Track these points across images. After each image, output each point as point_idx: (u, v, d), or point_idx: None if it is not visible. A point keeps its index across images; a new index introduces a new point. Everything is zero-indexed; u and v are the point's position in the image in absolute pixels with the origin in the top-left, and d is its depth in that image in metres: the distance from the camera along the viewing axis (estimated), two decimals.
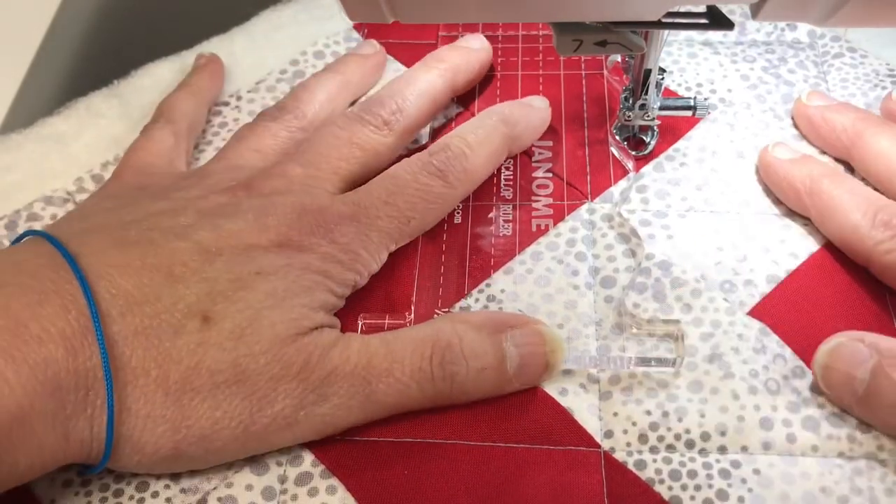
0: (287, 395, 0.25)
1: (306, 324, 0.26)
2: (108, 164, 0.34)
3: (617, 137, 0.33)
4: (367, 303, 0.30)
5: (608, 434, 0.26)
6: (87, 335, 0.23)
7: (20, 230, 0.32)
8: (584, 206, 0.32)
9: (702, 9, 0.26)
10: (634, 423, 0.26)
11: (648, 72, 0.30)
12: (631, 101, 0.32)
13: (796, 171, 0.30)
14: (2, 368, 0.21)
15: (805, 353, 0.27)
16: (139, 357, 0.24)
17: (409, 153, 0.31)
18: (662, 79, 0.31)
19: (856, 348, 0.26)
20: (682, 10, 0.26)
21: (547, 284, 0.30)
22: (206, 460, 0.25)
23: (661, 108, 0.32)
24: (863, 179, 0.31)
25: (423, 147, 0.32)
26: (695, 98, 0.32)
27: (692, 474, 0.25)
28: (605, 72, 0.35)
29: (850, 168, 0.32)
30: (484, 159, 0.31)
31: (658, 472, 0.25)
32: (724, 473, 0.25)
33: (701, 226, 0.31)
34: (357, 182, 0.30)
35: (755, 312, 0.28)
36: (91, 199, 0.30)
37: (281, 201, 0.28)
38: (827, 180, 0.29)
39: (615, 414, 0.27)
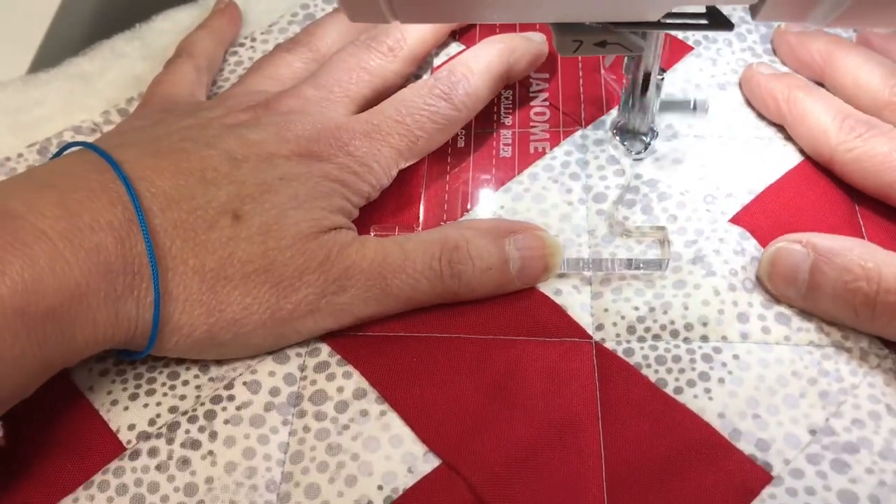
0: (310, 284, 0.27)
1: (326, 223, 0.28)
2: (132, 100, 0.36)
3: (616, 137, 0.34)
4: (378, 216, 0.32)
5: (599, 327, 0.29)
6: (132, 227, 0.25)
7: (51, 156, 0.34)
8: (578, 133, 0.34)
9: (702, 9, 0.26)
10: (623, 317, 0.29)
11: (648, 74, 0.30)
12: (631, 103, 0.32)
13: (775, 82, 0.33)
14: (61, 250, 0.24)
15: None
16: (178, 247, 0.26)
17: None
18: (662, 79, 0.31)
19: (793, 250, 0.28)
20: (683, 10, 0.26)
21: (543, 201, 0.32)
22: (235, 346, 0.28)
23: (661, 109, 0.32)
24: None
25: None
26: (694, 100, 0.32)
27: (676, 359, 0.28)
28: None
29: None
30: (485, 83, 0.33)
31: (645, 357, 0.28)
32: (706, 358, 0.28)
33: (685, 149, 0.33)
34: (368, 105, 0.32)
35: (735, 220, 0.31)
36: (122, 123, 0.32)
37: (299, 119, 0.30)
38: (802, 91, 0.32)
39: (605, 310, 0.29)
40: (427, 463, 0.26)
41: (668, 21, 0.25)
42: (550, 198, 0.32)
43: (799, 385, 0.27)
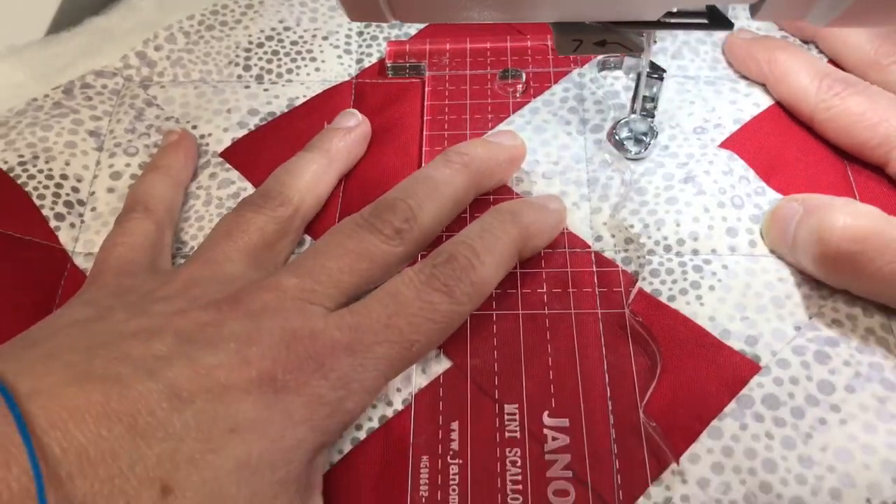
0: None
1: None
2: (148, 41, 0.38)
3: (616, 137, 0.33)
4: None
5: (598, 238, 0.31)
6: (26, 501, 0.19)
7: (76, 94, 0.36)
8: (575, 71, 0.36)
9: (702, 9, 0.25)
10: (620, 231, 0.31)
11: (639, 75, 0.31)
12: (631, 103, 0.32)
13: (757, 44, 0.35)
14: None
15: (766, 175, 0.32)
16: None
17: None
18: (661, 78, 0.31)
19: (789, 207, 0.29)
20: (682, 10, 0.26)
21: (544, 132, 0.34)
22: None
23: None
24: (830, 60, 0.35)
25: (403, 418, 0.27)
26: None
27: (669, 272, 0.30)
28: (627, 311, 0.29)
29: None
30: (493, 269, 0.27)
31: (640, 269, 0.30)
32: (697, 269, 0.30)
33: (675, 87, 0.35)
34: (357, 294, 0.27)
35: (724, 145, 0.33)
36: (64, 308, 0.27)
37: (268, 326, 0.24)
38: (783, 52, 0.34)
39: (604, 223, 0.31)
40: (439, 364, 0.28)
41: (668, 20, 0.25)
42: (550, 129, 0.34)
43: (784, 288, 0.29)
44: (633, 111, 0.32)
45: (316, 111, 0.35)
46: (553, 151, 0.34)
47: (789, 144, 0.33)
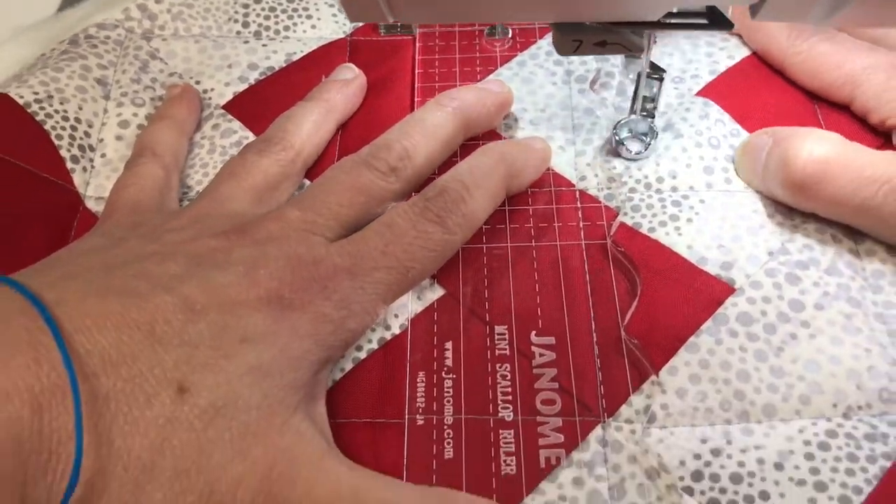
0: None
1: (283, 412, 0.24)
2: None
3: (616, 137, 0.33)
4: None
5: (582, 178, 0.33)
6: (56, 394, 0.21)
7: (81, 43, 0.37)
8: None
9: (702, 9, 0.26)
10: (603, 171, 0.33)
11: (639, 75, 0.31)
12: (631, 103, 0.33)
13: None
14: None
15: (742, 118, 0.33)
16: (105, 424, 0.22)
17: None
18: (661, 78, 0.31)
19: (760, 138, 0.31)
20: (682, 10, 0.26)
21: (531, 83, 0.36)
22: None
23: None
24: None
25: (401, 341, 0.29)
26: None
27: (649, 207, 0.31)
28: (609, 241, 0.31)
29: None
30: (483, 202, 0.29)
31: (622, 204, 0.32)
32: (676, 203, 0.31)
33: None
34: (356, 226, 0.28)
35: (700, 94, 0.35)
36: (80, 241, 0.28)
37: (274, 252, 0.26)
38: None
39: (587, 164, 0.33)
40: (433, 292, 0.30)
41: (668, 21, 0.25)
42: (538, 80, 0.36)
43: (758, 219, 0.31)
44: (633, 111, 0.32)
45: (313, 66, 0.37)
46: (539, 100, 0.35)
47: (762, 90, 0.35)
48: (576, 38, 0.25)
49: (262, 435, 0.23)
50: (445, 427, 0.27)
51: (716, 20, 0.25)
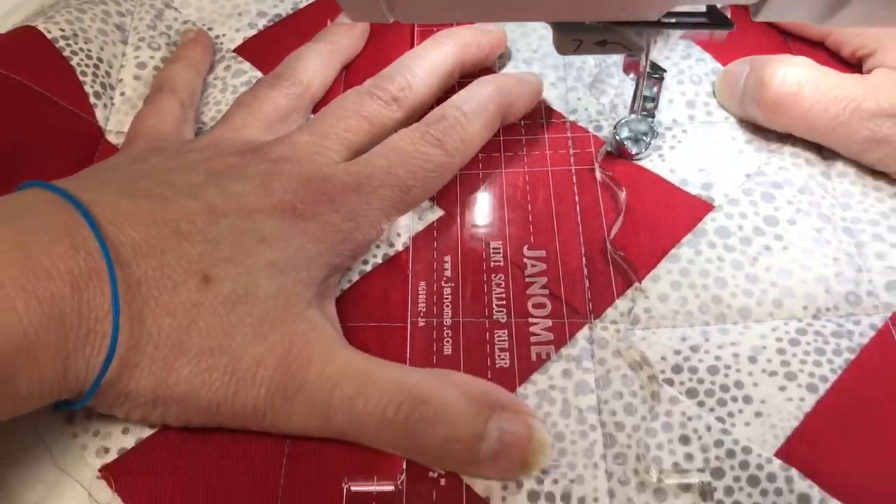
0: (262, 383, 0.25)
1: (299, 300, 0.26)
2: None
3: (617, 137, 0.33)
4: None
5: (573, 111, 0.35)
6: (93, 277, 0.23)
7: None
8: None
9: (702, 8, 0.26)
10: (592, 106, 0.35)
11: (639, 74, 0.31)
12: (631, 103, 0.33)
13: None
14: (13, 298, 0.22)
15: (721, 57, 0.36)
16: (138, 306, 0.24)
17: None
18: (661, 78, 0.31)
19: (737, 66, 0.33)
20: (683, 9, 0.26)
21: (524, 26, 0.38)
22: (180, 418, 0.26)
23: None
24: None
25: (403, 256, 0.31)
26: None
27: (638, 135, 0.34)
28: (597, 165, 0.33)
29: None
30: (480, 128, 0.31)
31: (610, 134, 0.34)
32: (660, 134, 0.34)
33: None
34: (361, 152, 0.30)
35: (683, 37, 0.37)
36: (105, 161, 0.30)
37: (287, 169, 0.28)
38: None
39: (578, 99, 0.35)
40: (433, 213, 0.32)
41: (668, 20, 0.25)
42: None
43: (737, 145, 0.33)
44: (633, 111, 0.33)
45: (319, 13, 0.39)
46: (533, 42, 0.37)
47: (741, 32, 0.37)
48: (576, 37, 0.25)
49: (279, 322, 0.25)
50: (445, 328, 0.29)
51: (716, 20, 0.25)
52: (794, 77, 0.30)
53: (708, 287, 0.29)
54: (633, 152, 0.33)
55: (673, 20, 0.25)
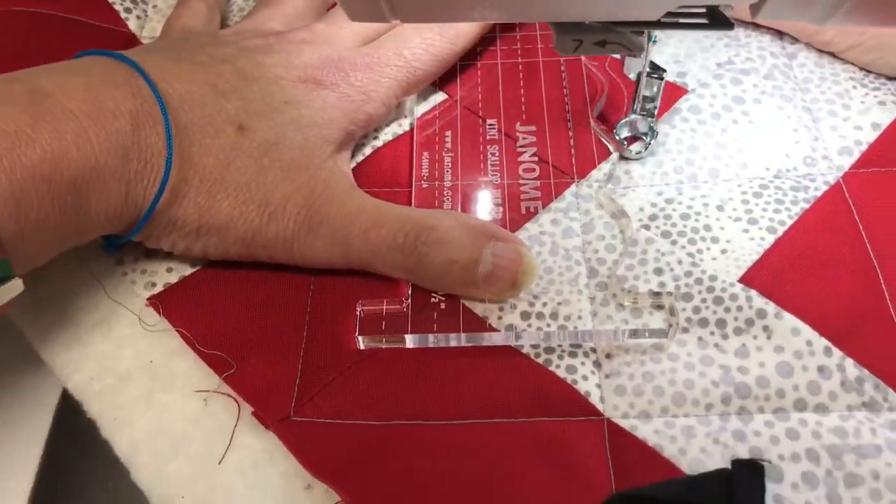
0: (290, 217, 0.28)
1: (321, 153, 0.30)
2: None
3: (617, 136, 0.33)
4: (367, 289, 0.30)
5: None
6: (149, 119, 0.27)
7: None
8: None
9: (702, 9, 0.26)
10: None
11: (639, 75, 0.31)
12: (631, 104, 0.33)
13: None
14: (86, 128, 0.25)
15: None
16: (185, 146, 0.28)
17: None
18: (661, 78, 0.32)
19: None
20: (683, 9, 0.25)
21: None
22: (219, 248, 0.29)
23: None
24: None
25: (409, 134, 0.35)
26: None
27: None
28: (583, 59, 0.36)
29: None
30: (477, 24, 0.34)
31: None
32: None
33: None
34: (372, 40, 0.34)
35: None
36: (145, 45, 0.35)
37: (307, 48, 0.32)
38: None
39: None
40: (436, 96, 0.36)
41: (668, 21, 0.25)
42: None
43: (710, 41, 0.36)
44: (633, 111, 0.33)
45: None
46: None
47: None
48: (576, 37, 0.25)
49: (305, 167, 0.29)
50: (445, 189, 0.32)
51: (716, 20, 0.25)
52: None
53: (682, 152, 0.33)
54: (634, 152, 0.33)
55: (673, 20, 0.25)
